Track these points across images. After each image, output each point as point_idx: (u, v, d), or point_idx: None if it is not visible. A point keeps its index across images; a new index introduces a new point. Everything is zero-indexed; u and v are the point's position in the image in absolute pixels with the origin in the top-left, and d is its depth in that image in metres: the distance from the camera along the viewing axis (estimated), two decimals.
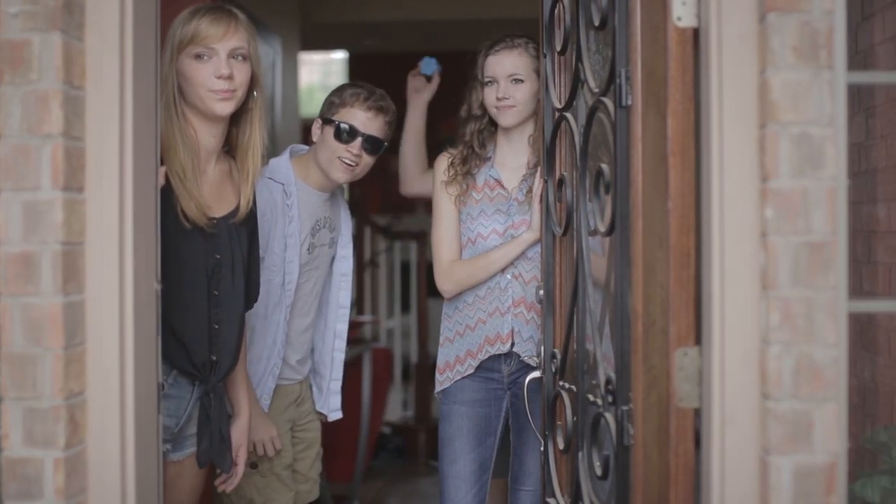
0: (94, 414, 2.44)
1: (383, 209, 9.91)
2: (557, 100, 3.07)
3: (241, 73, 2.96)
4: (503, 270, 3.60)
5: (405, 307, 7.95)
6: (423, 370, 7.19)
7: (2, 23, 2.35)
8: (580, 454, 2.79)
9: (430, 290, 9.35)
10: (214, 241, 3.01)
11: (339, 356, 3.84)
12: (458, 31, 9.24)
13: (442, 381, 3.71)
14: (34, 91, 2.35)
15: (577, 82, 2.87)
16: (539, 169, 3.45)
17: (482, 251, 3.63)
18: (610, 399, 2.56)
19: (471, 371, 3.65)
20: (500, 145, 3.69)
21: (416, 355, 7.31)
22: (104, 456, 2.44)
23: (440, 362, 3.74)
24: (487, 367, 3.64)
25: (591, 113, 2.72)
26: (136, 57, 2.45)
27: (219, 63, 2.92)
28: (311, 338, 3.78)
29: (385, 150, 3.67)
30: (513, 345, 3.59)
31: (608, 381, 2.57)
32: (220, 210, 3.03)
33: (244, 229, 3.10)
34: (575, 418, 2.87)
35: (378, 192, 9.73)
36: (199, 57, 2.94)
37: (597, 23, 2.64)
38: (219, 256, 3.03)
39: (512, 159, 3.67)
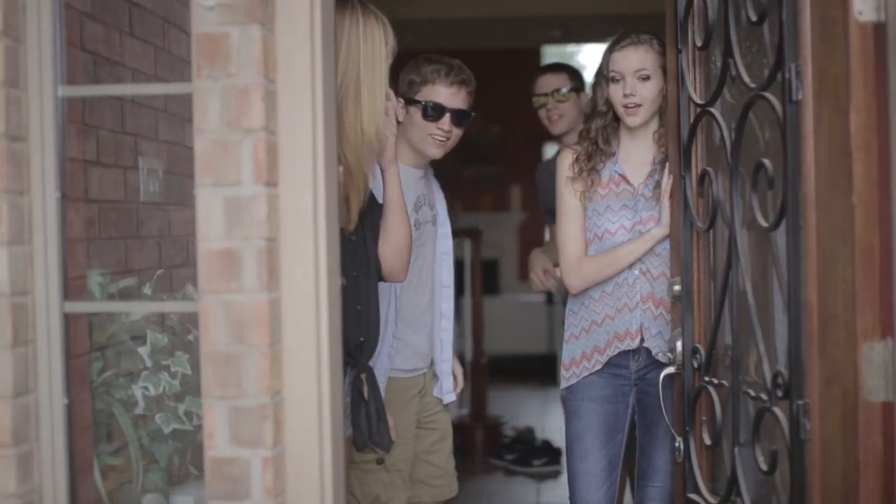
0: (292, 412, 2.40)
1: None
2: (697, 95, 3.06)
3: None
4: (630, 266, 3.58)
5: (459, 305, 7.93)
6: (477, 368, 7.16)
7: (198, 16, 2.31)
8: (736, 449, 2.78)
9: (486, 287, 9.38)
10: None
11: (448, 336, 3.81)
12: (500, 28, 9.21)
13: (568, 377, 3.68)
14: (233, 85, 2.31)
15: (723, 77, 2.85)
16: (667, 165, 3.42)
17: (609, 247, 3.60)
18: (780, 394, 2.54)
19: (598, 367, 3.62)
20: (623, 141, 3.66)
21: (471, 353, 7.28)
22: (303, 454, 2.41)
23: (565, 359, 3.70)
24: (615, 363, 3.61)
25: (747, 108, 2.70)
26: (323, 49, 2.42)
27: None
28: (431, 320, 3.74)
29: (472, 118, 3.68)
30: (642, 341, 3.57)
31: (776, 376, 2.55)
32: None
33: (368, 205, 3.10)
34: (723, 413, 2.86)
35: None
36: None
37: (754, 18, 2.62)
38: (354, 238, 3.02)
39: (636, 155, 3.64)
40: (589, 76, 4.57)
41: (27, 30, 2.44)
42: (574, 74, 4.75)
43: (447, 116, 3.60)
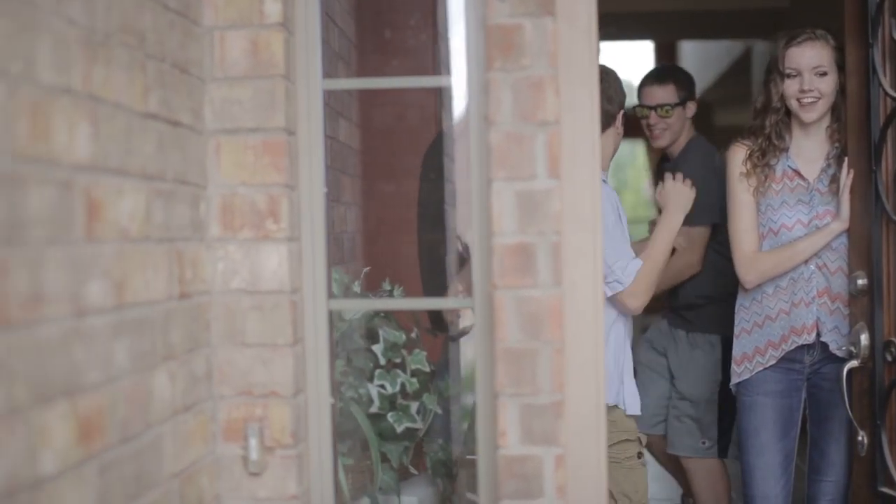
0: (573, 409, 2.37)
1: None
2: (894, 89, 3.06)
3: None
4: (806, 261, 3.57)
5: None
6: None
7: (491, 7, 2.28)
8: None
9: None
10: None
11: None
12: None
13: (740, 372, 3.67)
14: (527, 77, 2.28)
15: None
16: (845, 159, 3.43)
17: (785, 242, 3.59)
18: None
19: (773, 362, 3.61)
20: (795, 136, 3.66)
21: None
22: (583, 452, 2.37)
23: (736, 353, 3.69)
24: (789, 357, 3.60)
25: None
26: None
27: None
28: None
29: None
30: (818, 335, 3.56)
31: None
32: None
33: None
34: None
35: None
36: None
37: None
38: None
39: (809, 150, 3.64)
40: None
41: (296, 21, 2.39)
42: (683, 82, 4.51)
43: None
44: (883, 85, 3.10)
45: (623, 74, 4.74)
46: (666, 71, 4.76)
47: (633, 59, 12.79)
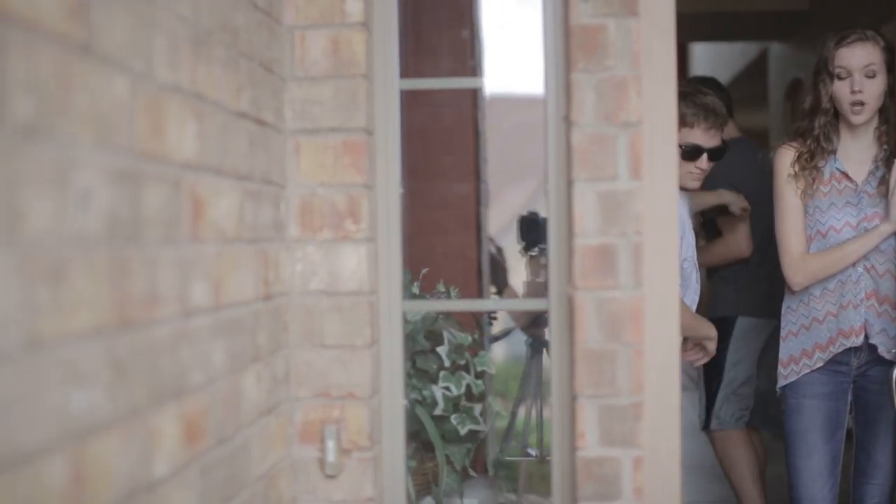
0: (652, 411, 2.35)
1: None
2: None
3: None
4: (854, 263, 3.56)
5: None
6: None
7: (573, 8, 2.26)
8: None
9: None
10: None
11: None
12: None
13: (787, 374, 3.66)
14: (610, 78, 2.26)
15: None
16: (895, 161, 3.42)
17: (833, 244, 3.58)
18: None
19: (820, 364, 3.60)
20: (843, 138, 3.65)
21: None
22: (662, 454, 2.36)
23: (783, 356, 3.68)
24: (836, 359, 3.59)
25: None
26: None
27: None
28: None
29: None
30: (866, 338, 3.55)
31: None
32: None
33: None
34: None
35: None
36: None
37: None
38: None
39: (857, 152, 3.63)
40: None
41: (375, 20, 2.38)
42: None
43: (704, 156, 3.62)
44: None
45: None
46: None
47: None
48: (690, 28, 8.85)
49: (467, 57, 4.35)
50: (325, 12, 2.28)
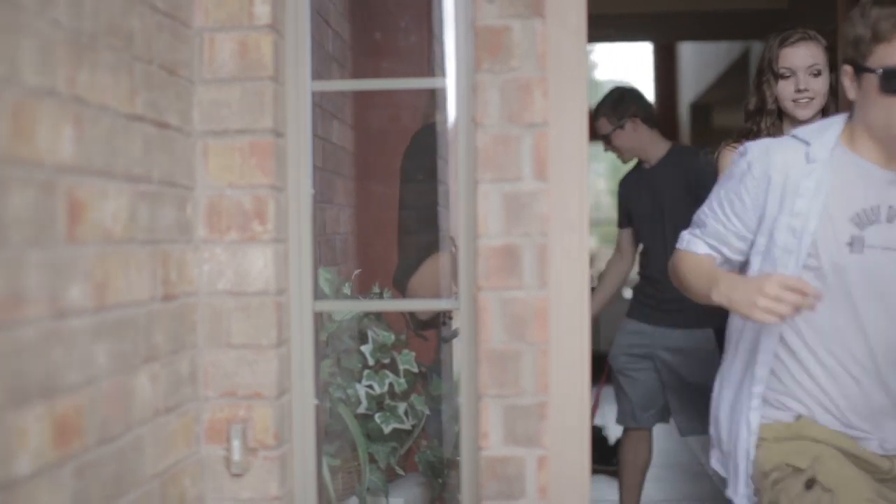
0: (556, 410, 2.37)
1: None
2: None
3: None
4: None
5: None
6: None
7: (479, 9, 2.28)
8: None
9: None
10: None
11: None
12: None
13: None
14: (515, 79, 2.28)
15: None
16: None
17: None
18: None
19: None
20: None
21: None
22: (566, 454, 2.37)
23: None
24: None
25: None
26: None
27: None
28: None
29: None
30: None
31: None
32: None
33: None
34: None
35: None
36: None
37: None
38: None
39: None
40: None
41: (286, 23, 2.39)
42: (610, 113, 4.55)
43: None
44: None
45: (622, 76, 4.72)
46: (597, 109, 4.62)
47: (631, 61, 12.79)
48: (676, 28, 8.87)
49: (424, 57, 4.35)
50: (233, 15, 2.30)
